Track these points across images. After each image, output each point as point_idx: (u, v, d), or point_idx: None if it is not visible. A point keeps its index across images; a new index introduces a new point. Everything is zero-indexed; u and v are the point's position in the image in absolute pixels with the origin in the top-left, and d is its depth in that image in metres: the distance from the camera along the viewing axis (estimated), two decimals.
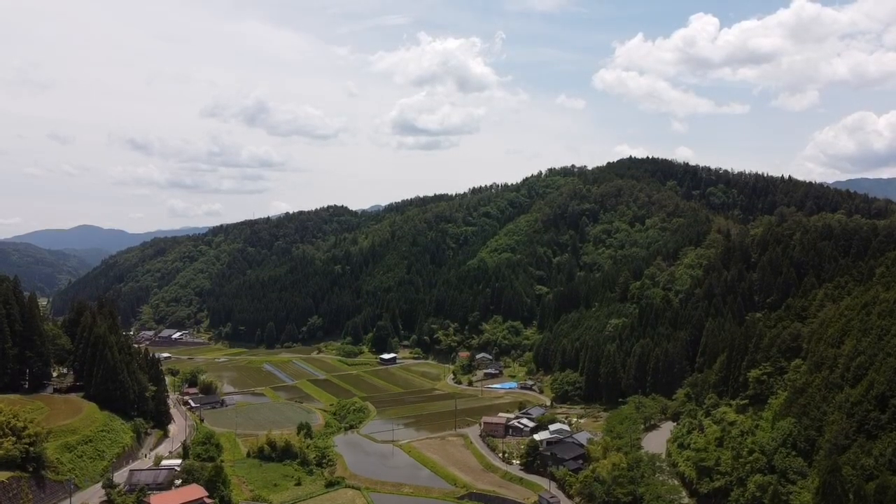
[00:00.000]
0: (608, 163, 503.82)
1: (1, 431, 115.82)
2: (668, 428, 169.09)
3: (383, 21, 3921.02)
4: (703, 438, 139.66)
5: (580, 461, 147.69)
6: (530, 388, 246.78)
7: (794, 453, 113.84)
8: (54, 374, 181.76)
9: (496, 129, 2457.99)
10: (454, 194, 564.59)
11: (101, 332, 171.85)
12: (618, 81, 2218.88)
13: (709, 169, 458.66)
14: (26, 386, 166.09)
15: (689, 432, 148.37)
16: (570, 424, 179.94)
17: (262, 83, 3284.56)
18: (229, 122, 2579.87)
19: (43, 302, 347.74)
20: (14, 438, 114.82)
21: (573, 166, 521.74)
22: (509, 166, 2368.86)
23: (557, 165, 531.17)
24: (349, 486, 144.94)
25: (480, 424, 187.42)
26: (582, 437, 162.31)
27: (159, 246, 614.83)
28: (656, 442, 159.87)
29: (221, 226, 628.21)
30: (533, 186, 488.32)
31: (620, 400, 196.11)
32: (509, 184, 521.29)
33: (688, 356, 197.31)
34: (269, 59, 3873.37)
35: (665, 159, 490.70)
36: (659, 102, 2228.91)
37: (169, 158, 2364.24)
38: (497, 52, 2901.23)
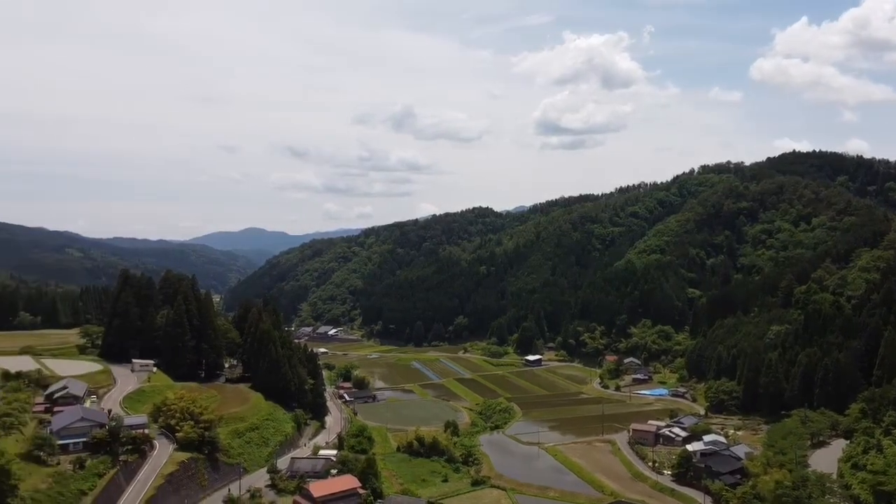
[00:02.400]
0: (768, 158, 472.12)
1: (182, 416, 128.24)
2: (838, 446, 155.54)
3: (524, 21, 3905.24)
4: (881, 460, 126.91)
5: (737, 476, 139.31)
6: (682, 396, 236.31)
7: None
8: (226, 366, 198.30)
9: (644, 126, 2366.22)
10: (600, 194, 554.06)
11: (265, 327, 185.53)
12: (778, 70, 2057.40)
13: (887, 162, 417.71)
14: (202, 375, 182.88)
15: (864, 452, 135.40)
16: (725, 436, 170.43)
17: (408, 89, 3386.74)
18: (377, 129, 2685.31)
19: (216, 299, 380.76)
20: (192, 423, 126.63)
21: (728, 163, 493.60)
22: (658, 164, 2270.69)
23: (711, 162, 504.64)
24: (494, 487, 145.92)
25: (629, 431, 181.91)
26: (739, 451, 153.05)
27: (316, 247, 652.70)
28: (825, 460, 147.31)
29: (372, 228, 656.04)
30: (684, 185, 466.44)
31: (783, 413, 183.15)
32: (658, 182, 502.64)
33: (862, 368, 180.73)
34: (413, 65, 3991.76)
35: (834, 153, 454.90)
36: (826, 91, 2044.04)
37: (323, 164, 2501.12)
38: (645, 47, 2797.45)
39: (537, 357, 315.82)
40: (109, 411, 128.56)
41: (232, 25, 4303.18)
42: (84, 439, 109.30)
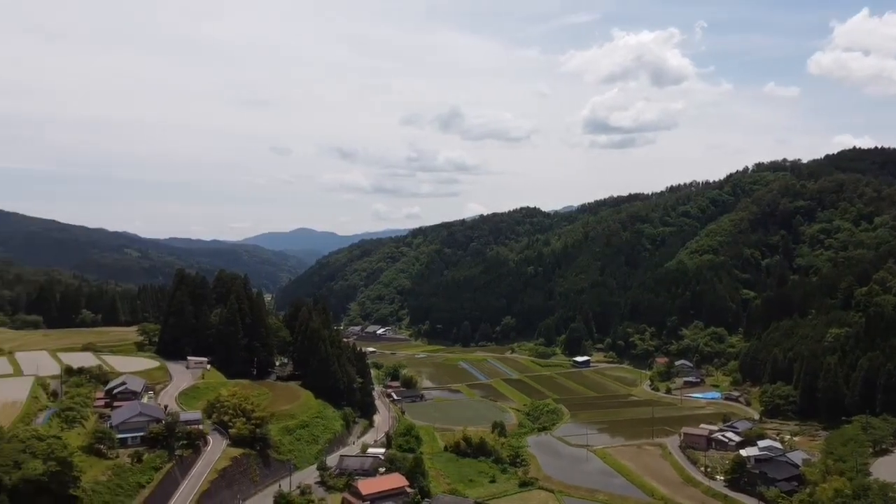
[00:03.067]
0: (826, 155, 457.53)
1: (234, 412, 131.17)
2: None
3: (572, 19, 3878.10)
4: None
5: (794, 483, 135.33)
6: (735, 400, 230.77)
7: None
8: (277, 364, 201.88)
9: (695, 123, 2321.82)
10: (650, 193, 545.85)
11: (315, 326, 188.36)
12: (837, 64, 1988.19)
13: None
14: (254, 373, 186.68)
15: None
16: (781, 442, 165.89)
17: (455, 90, 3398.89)
18: (425, 129, 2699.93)
19: (267, 298, 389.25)
20: (244, 419, 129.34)
21: (784, 160, 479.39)
22: (710, 163, 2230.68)
23: (765, 160, 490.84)
24: (542, 488, 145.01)
25: (680, 435, 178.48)
26: (796, 457, 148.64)
27: (365, 247, 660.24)
28: (889, 469, 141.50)
29: (420, 228, 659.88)
30: (738, 183, 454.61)
31: (843, 419, 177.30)
32: (711, 181, 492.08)
33: None
34: (460, 66, 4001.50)
35: None
36: (889, 84, 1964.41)
37: (372, 165, 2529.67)
38: (696, 43, 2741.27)
39: (585, 358, 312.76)
40: (165, 407, 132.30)
41: (283, 30, 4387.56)
42: (142, 434, 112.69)
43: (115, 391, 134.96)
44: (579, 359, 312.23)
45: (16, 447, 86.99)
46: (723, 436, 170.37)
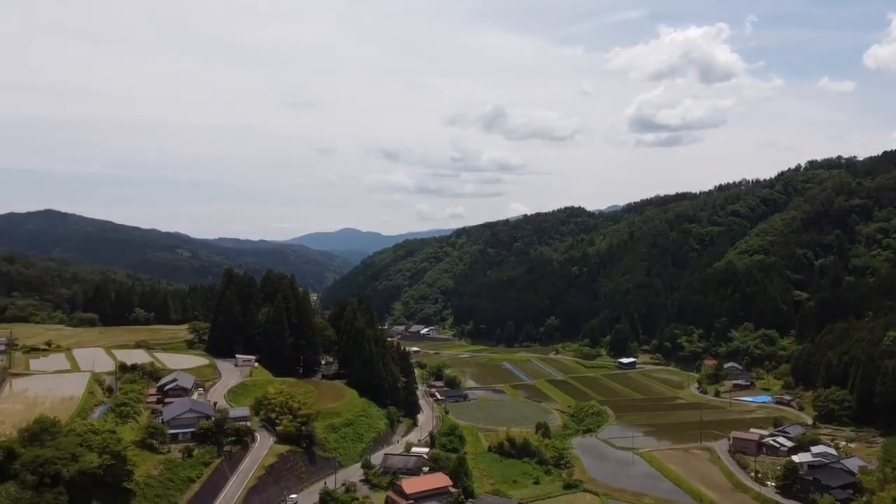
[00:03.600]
0: (884, 152, 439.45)
1: (281, 410, 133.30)
2: None
3: (617, 16, 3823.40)
4: None
5: (850, 491, 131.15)
6: (787, 404, 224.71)
7: None
8: (322, 362, 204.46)
9: (745, 120, 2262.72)
10: (698, 192, 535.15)
11: (360, 326, 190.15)
12: (895, 58, 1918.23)
13: None
14: (300, 371, 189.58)
15: None
16: (836, 448, 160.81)
17: (499, 89, 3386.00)
18: (468, 129, 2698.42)
19: (313, 297, 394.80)
20: (291, 417, 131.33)
21: (839, 157, 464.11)
22: (760, 160, 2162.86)
23: (819, 157, 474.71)
24: (587, 491, 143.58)
25: (729, 439, 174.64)
26: (852, 464, 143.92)
27: (409, 247, 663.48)
28: None
29: (464, 228, 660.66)
30: (789, 181, 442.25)
31: None
32: (761, 179, 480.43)
33: None
34: (504, 64, 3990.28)
35: None
36: None
37: (416, 165, 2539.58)
38: (746, 38, 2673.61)
39: (631, 360, 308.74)
40: (215, 404, 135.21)
41: (327, 32, 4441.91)
42: (192, 429, 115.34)
43: (167, 388, 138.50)
44: (625, 360, 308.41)
45: (73, 441, 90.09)
46: (774, 441, 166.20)
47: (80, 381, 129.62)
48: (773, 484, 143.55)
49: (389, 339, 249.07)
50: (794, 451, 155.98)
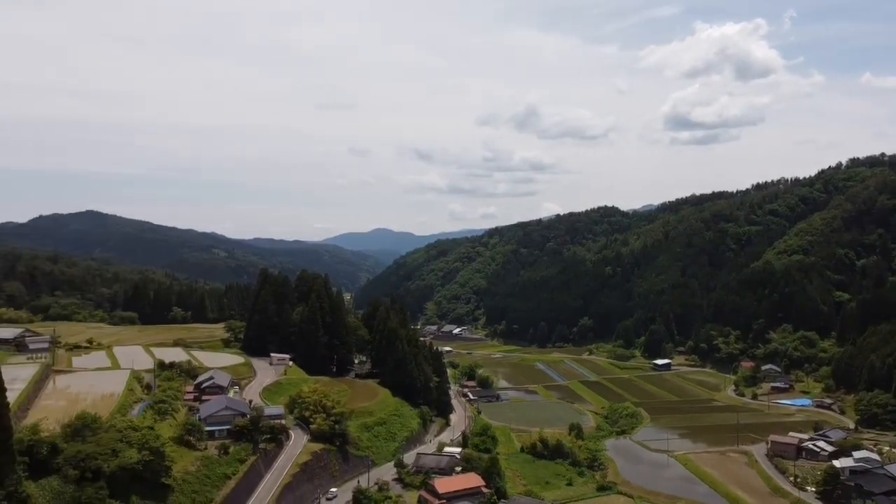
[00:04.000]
0: None
1: (315, 408, 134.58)
2: None
3: (652, 14, 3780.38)
4: None
5: (894, 498, 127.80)
6: (828, 408, 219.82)
7: None
8: (355, 361, 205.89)
9: (783, 117, 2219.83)
10: (735, 191, 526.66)
11: (392, 325, 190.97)
12: None
13: None
14: (334, 370, 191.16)
15: None
16: (879, 453, 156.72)
17: (532, 89, 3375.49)
18: (501, 129, 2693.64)
19: (347, 297, 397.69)
20: (325, 415, 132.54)
21: (882, 155, 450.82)
22: (800, 158, 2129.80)
23: (861, 154, 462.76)
24: (621, 493, 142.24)
25: (767, 443, 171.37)
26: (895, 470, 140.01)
27: (441, 247, 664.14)
28: None
29: (496, 228, 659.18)
30: (830, 180, 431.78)
31: None
32: (801, 178, 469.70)
33: None
34: (536, 64, 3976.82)
35: None
36: None
37: (448, 165, 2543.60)
38: (785, 33, 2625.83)
39: (666, 361, 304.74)
40: (250, 402, 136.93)
41: (361, 35, 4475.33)
42: (228, 427, 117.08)
43: (204, 385, 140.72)
44: (659, 361, 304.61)
45: (113, 436, 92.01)
46: (814, 445, 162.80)
47: (120, 379, 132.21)
48: (813, 489, 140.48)
49: (422, 338, 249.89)
50: (835, 455, 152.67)
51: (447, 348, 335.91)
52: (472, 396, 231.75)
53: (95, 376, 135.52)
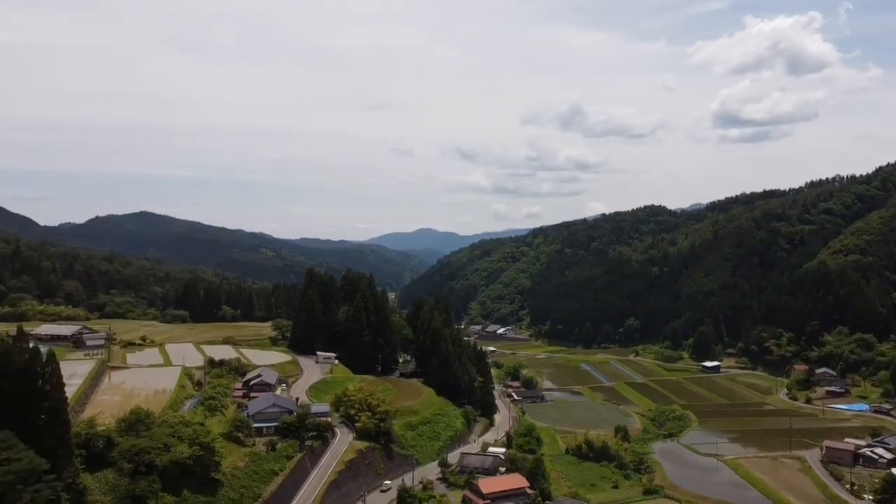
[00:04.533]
0: None
1: (360, 407, 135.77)
2: None
3: (700, 8, 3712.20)
4: None
5: None
6: (887, 413, 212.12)
7: None
8: (400, 360, 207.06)
9: (838, 113, 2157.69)
10: (787, 189, 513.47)
11: (437, 325, 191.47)
12: None
13: None
14: (378, 369, 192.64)
15: None
16: None
17: (576, 87, 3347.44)
18: (545, 128, 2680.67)
19: (391, 296, 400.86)
20: (369, 413, 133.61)
21: None
22: (856, 155, 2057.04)
23: None
24: (668, 497, 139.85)
25: (821, 448, 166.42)
26: None
27: (485, 247, 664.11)
28: None
29: (540, 228, 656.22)
30: (889, 177, 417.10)
31: None
32: (857, 175, 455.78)
33: None
34: (581, 62, 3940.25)
35: None
36: None
37: (492, 165, 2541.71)
38: (840, 26, 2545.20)
39: (715, 363, 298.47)
40: (297, 399, 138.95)
41: (403, 36, 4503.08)
42: (275, 424, 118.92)
43: (252, 383, 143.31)
44: (708, 364, 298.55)
45: (165, 432, 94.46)
46: (872, 452, 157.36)
47: (171, 375, 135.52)
48: (871, 497, 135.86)
49: (466, 338, 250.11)
50: (894, 463, 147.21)
51: (491, 348, 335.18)
52: (516, 397, 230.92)
53: (149, 372, 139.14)
